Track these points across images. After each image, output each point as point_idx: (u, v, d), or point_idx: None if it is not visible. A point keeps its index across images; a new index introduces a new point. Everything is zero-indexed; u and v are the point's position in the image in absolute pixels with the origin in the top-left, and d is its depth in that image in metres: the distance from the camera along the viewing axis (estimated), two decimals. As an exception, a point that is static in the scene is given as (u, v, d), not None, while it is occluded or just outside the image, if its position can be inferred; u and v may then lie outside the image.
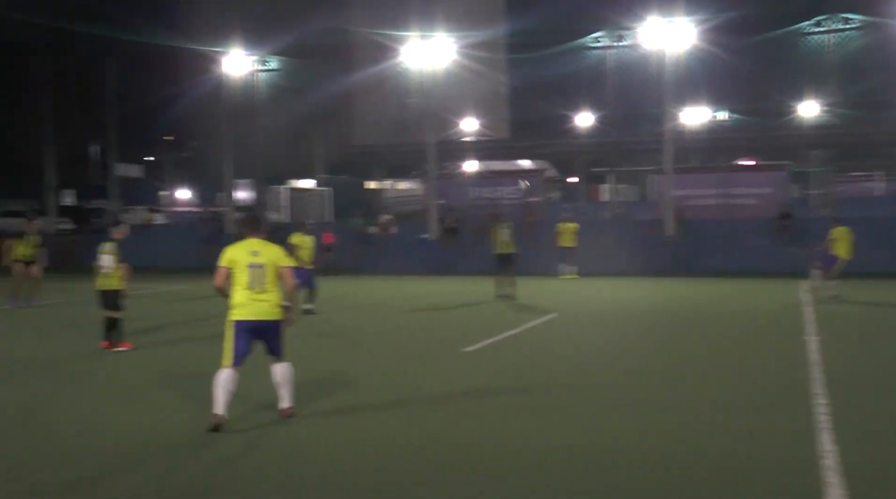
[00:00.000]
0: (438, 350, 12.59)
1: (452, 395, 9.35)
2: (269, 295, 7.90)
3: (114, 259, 12.55)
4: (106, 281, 12.56)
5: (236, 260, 7.93)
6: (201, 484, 6.39)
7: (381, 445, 7.34)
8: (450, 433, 7.73)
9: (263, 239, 8.12)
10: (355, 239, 31.76)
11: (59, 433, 7.91)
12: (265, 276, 7.87)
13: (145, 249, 33.54)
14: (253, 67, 40.28)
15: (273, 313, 7.93)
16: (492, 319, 16.34)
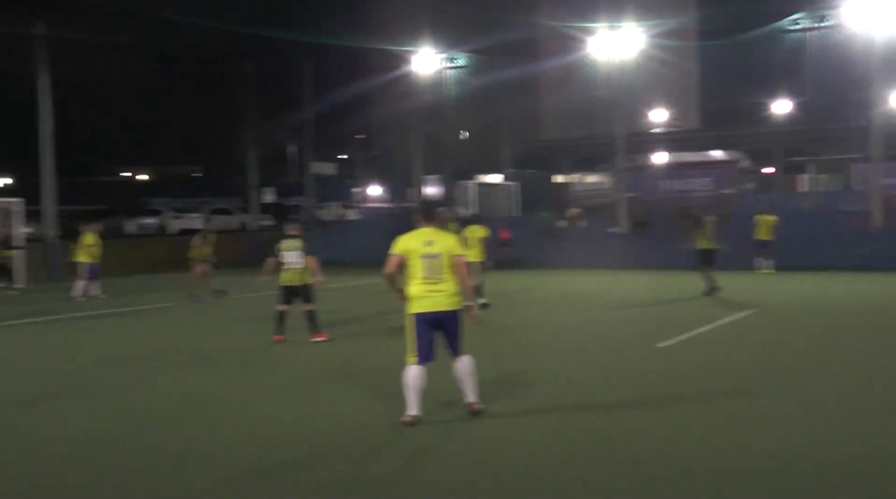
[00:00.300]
0: (630, 345, 12.33)
1: (647, 393, 9.11)
2: (445, 285, 7.72)
3: (301, 254, 12.68)
4: (293, 276, 12.70)
5: (410, 250, 7.78)
6: (397, 474, 6.52)
7: (573, 444, 7.23)
8: (647, 433, 7.52)
9: (438, 228, 7.98)
10: (543, 233, 31.64)
11: (252, 421, 8.23)
12: (441, 266, 7.70)
13: (339, 244, 34.80)
14: (441, 65, 40.93)
15: (450, 304, 7.74)
16: (685, 314, 15.86)
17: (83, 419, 8.38)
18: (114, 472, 6.68)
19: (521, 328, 14.50)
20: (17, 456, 7.17)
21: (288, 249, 12.65)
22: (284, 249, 12.66)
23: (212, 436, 7.67)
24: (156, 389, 9.87)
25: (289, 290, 12.71)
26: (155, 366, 11.36)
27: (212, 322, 16.26)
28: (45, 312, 18.14)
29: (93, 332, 15.36)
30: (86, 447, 7.42)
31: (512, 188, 44.51)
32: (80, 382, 10.36)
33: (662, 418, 7.97)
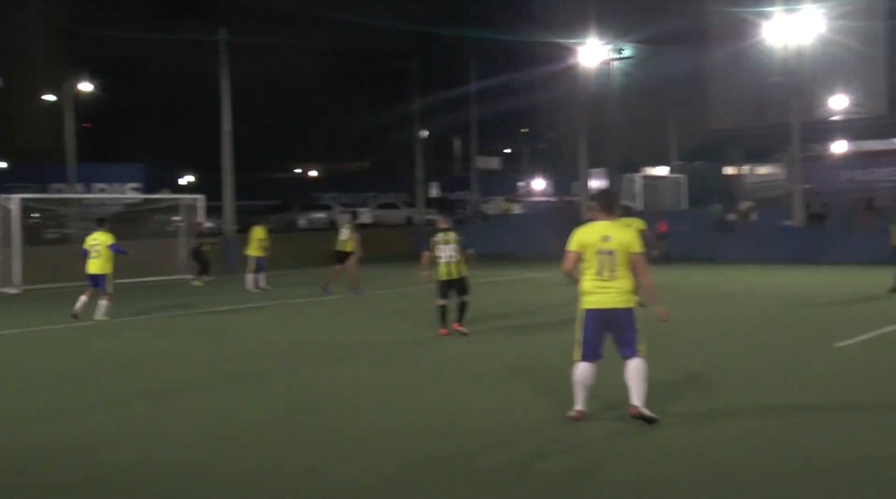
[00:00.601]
0: (808, 344, 11.74)
1: (825, 396, 8.65)
2: (617, 283, 7.41)
3: (455, 247, 12.66)
4: (449, 270, 12.65)
5: (586, 244, 7.50)
6: (567, 465, 6.44)
7: (746, 447, 6.94)
8: (823, 439, 7.14)
9: (616, 221, 7.70)
10: (713, 227, 30.67)
11: (419, 412, 8.34)
12: (615, 262, 7.40)
13: (504, 237, 34.90)
14: (608, 56, 40.29)
15: (621, 302, 7.42)
16: (867, 313, 14.98)
17: (257, 403, 8.72)
18: (285, 460, 6.90)
19: (692, 325, 14.07)
20: (204, 437, 7.53)
21: (442, 243, 12.67)
22: (440, 243, 12.67)
23: (384, 423, 7.81)
24: (319, 377, 10.16)
25: (446, 283, 12.71)
26: (319, 355, 11.71)
27: (376, 314, 16.59)
28: (221, 303, 19.04)
29: (262, 321, 15.99)
30: (270, 430, 7.70)
31: (679, 181, 43.36)
32: (251, 367, 10.79)
33: (841, 423, 7.53)
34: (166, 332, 14.76)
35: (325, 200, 55.17)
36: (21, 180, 47.82)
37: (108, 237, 16.12)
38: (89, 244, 16.04)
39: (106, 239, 16.04)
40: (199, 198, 27.80)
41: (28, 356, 12.32)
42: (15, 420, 8.33)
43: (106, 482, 6.39)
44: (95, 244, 15.98)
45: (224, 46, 30.90)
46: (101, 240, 16.00)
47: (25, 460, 6.98)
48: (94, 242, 16.03)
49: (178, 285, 24.39)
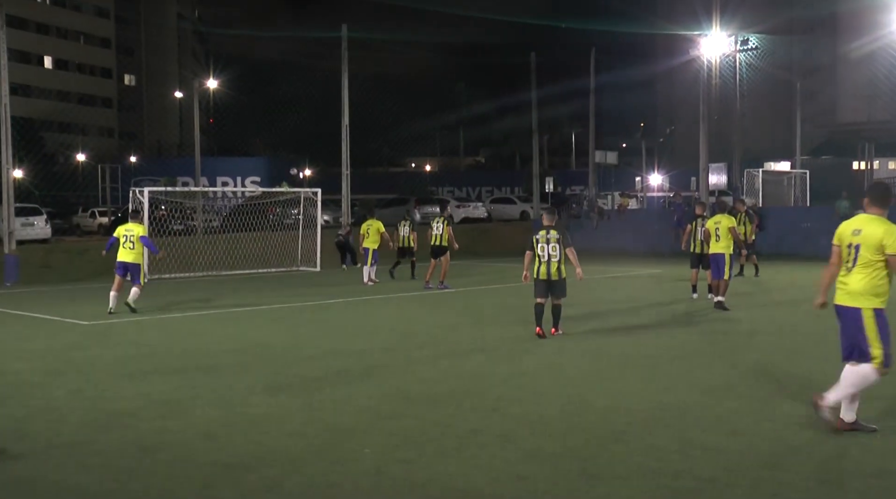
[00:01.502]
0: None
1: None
2: (850, 278, 6.98)
3: (557, 246, 11.96)
4: (549, 269, 11.96)
5: (842, 237, 7.16)
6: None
7: None
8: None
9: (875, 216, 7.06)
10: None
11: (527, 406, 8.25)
12: (853, 257, 6.95)
13: (620, 233, 34.38)
14: (732, 48, 39.15)
15: (846, 300, 7.02)
16: None
17: (373, 394, 8.77)
18: (389, 452, 6.90)
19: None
20: (322, 425, 7.63)
21: (544, 241, 12.00)
22: (542, 241, 12.01)
23: (492, 417, 7.75)
24: (422, 374, 10.16)
25: (544, 283, 12.06)
26: (428, 352, 11.72)
27: (481, 310, 16.51)
28: (341, 294, 19.35)
29: (372, 313, 16.14)
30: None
31: (802, 176, 41.84)
32: (362, 359, 10.88)
33: None
34: (282, 322, 15.04)
35: (441, 194, 55.49)
36: (150, 174, 49.75)
37: (141, 229, 16.38)
38: (122, 234, 16.14)
39: (139, 230, 16.22)
40: (317, 191, 28.31)
41: (152, 343, 12.73)
42: (145, 404, 8.59)
43: (237, 464, 6.52)
44: (130, 235, 16.04)
45: (345, 42, 31.36)
46: (136, 231, 16.13)
47: (157, 442, 7.20)
48: (128, 232, 16.10)
49: (296, 276, 24.91)
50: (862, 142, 49.93)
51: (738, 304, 15.76)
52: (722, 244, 15.33)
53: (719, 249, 15.38)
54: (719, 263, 15.36)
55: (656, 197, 53.44)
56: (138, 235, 16.07)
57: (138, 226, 16.43)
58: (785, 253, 27.87)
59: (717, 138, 38.91)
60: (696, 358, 10.76)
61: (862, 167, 52.03)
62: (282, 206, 30.79)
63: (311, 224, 27.73)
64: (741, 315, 14.60)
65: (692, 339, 12.29)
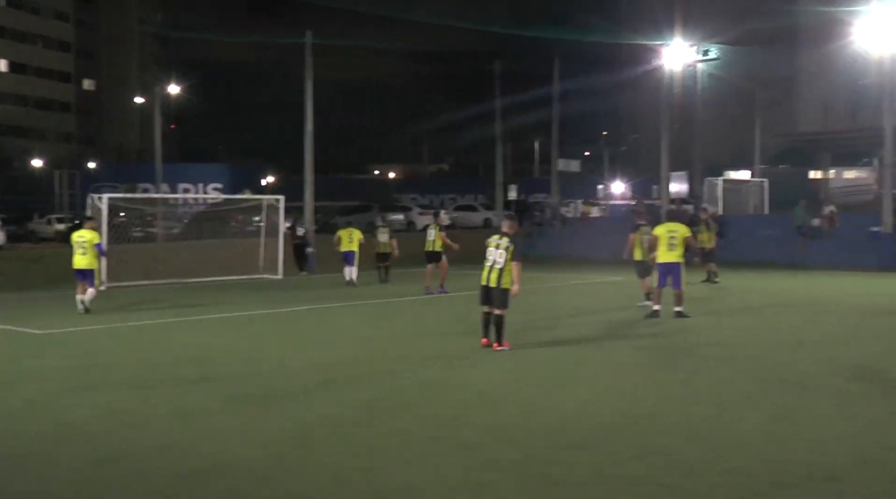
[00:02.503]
0: (894, 356, 11.29)
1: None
2: None
3: (504, 254, 11.49)
4: (490, 276, 11.58)
5: None
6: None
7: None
8: None
9: None
10: (796, 232, 29.84)
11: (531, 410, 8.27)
12: None
13: (583, 241, 34.55)
14: (693, 58, 39.57)
15: None
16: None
17: (336, 404, 8.74)
18: (349, 461, 6.89)
19: (769, 330, 13.66)
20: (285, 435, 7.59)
21: (494, 246, 11.65)
22: (491, 246, 11.69)
23: (454, 426, 7.76)
24: (383, 382, 10.14)
25: (485, 289, 11.64)
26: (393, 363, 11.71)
27: (442, 319, 16.52)
28: (303, 302, 19.27)
29: (339, 319, 16.10)
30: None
31: (761, 185, 42.40)
32: (331, 369, 10.85)
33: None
34: (243, 330, 14.94)
35: (405, 201, 55.49)
36: (110, 180, 49.24)
37: (94, 235, 16.75)
38: (75, 240, 16.60)
39: (93, 237, 16.62)
40: (279, 198, 28.16)
41: (111, 352, 12.58)
42: (103, 415, 8.49)
43: (197, 475, 6.47)
44: (82, 241, 16.47)
45: (309, 49, 31.23)
46: (88, 238, 16.53)
47: (116, 454, 7.11)
48: (80, 238, 16.53)
49: (258, 284, 24.75)
50: (819, 151, 50.74)
51: (697, 310, 15.90)
52: (677, 253, 15.01)
53: (674, 258, 15.00)
54: (673, 271, 14.99)
55: (619, 205, 53.85)
56: (91, 241, 16.45)
57: (91, 232, 16.74)
58: (744, 260, 28.16)
59: (678, 147, 39.26)
60: (655, 365, 10.86)
61: (819, 176, 52.84)
62: (244, 213, 30.59)
63: (274, 231, 27.57)
64: (700, 322, 14.74)
65: (651, 346, 12.39)
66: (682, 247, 15.07)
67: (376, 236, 23.85)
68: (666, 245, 14.98)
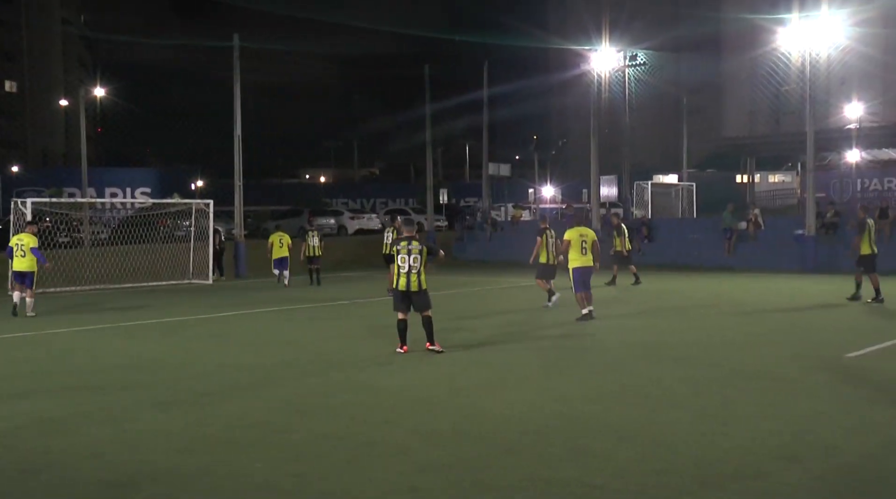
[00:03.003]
0: (817, 354, 11.59)
1: (840, 404, 8.53)
2: None
3: (418, 258, 11.56)
4: (408, 281, 11.60)
5: None
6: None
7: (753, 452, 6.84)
8: (844, 447, 7.03)
9: None
10: (722, 235, 30.49)
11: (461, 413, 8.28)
12: None
13: (513, 245, 34.76)
14: (621, 63, 40.15)
15: None
16: (879, 323, 14.80)
17: (264, 407, 8.65)
18: (284, 466, 6.82)
19: (710, 334, 13.93)
20: (210, 442, 7.47)
21: (405, 252, 11.60)
22: (402, 252, 11.62)
23: (389, 430, 7.74)
24: (314, 387, 10.09)
25: (405, 295, 11.66)
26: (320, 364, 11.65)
27: (373, 322, 16.47)
28: (233, 307, 19.03)
29: (269, 326, 15.95)
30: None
31: (688, 188, 43.23)
32: (261, 372, 10.73)
33: (868, 437, 7.41)
34: (172, 335, 14.70)
35: (335, 205, 55.17)
36: (34, 184, 47.99)
37: (32, 240, 17.02)
38: (14, 243, 17.02)
39: (30, 241, 16.92)
40: (209, 203, 27.80)
41: (36, 360, 12.27)
42: (27, 423, 8.27)
43: (123, 483, 6.33)
44: (21, 244, 16.86)
45: (237, 52, 30.86)
46: (26, 241, 16.86)
47: (40, 463, 6.93)
48: (19, 241, 16.94)
49: (188, 289, 24.39)
50: (744, 156, 51.89)
51: (625, 312, 16.10)
52: (589, 257, 14.97)
53: (587, 262, 14.97)
54: (584, 275, 14.98)
55: (549, 208, 54.32)
56: (28, 245, 16.76)
57: (29, 236, 17.02)
58: (672, 263, 28.68)
59: (607, 151, 39.76)
60: (583, 367, 10.97)
61: (744, 180, 54.04)
62: (173, 217, 30.09)
63: (203, 236, 27.20)
64: (627, 323, 14.94)
65: (578, 347, 12.52)
66: (592, 251, 15.08)
67: (307, 240, 24.57)
68: (578, 249, 14.95)
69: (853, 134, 44.08)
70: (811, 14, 30.53)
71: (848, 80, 48.75)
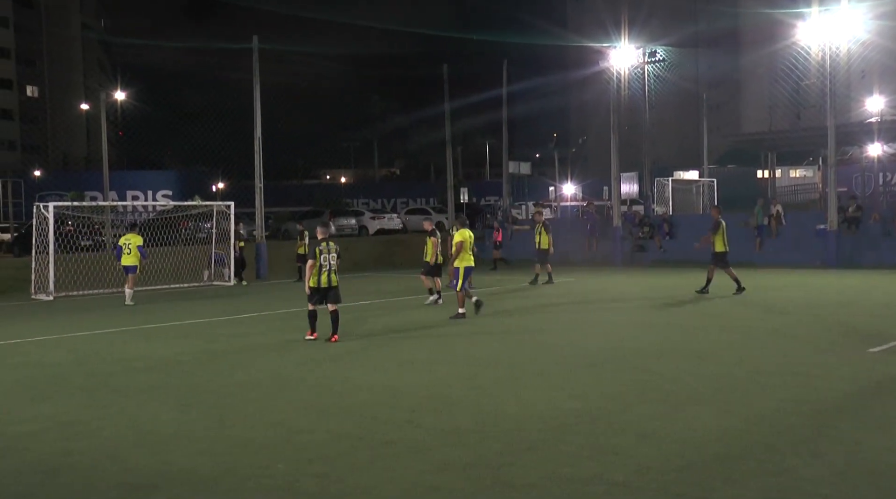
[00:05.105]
0: (840, 349, 11.49)
1: (862, 400, 8.45)
2: None
3: (335, 257, 13.15)
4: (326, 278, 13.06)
5: None
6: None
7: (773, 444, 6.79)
8: (866, 442, 6.97)
9: None
10: (744, 230, 30.28)
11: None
12: None
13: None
14: (640, 60, 40.00)
15: None
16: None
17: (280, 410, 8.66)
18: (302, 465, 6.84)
19: (735, 329, 13.84)
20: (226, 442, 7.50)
21: (326, 252, 13.11)
22: (324, 252, 13.11)
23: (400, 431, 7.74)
24: (334, 387, 10.10)
25: (323, 291, 13.13)
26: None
27: (395, 323, 16.48)
28: (253, 309, 19.09)
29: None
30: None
31: (709, 185, 42.99)
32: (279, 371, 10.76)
33: (877, 429, 7.34)
34: (193, 338, 14.77)
35: (356, 205, 55.24)
36: (56, 188, 48.36)
37: (138, 239, 20.70)
38: (123, 243, 20.62)
39: (136, 240, 20.60)
40: (230, 204, 27.90)
41: (57, 362, 12.36)
42: (48, 426, 8.33)
43: (144, 485, 6.37)
44: (128, 243, 20.49)
45: (256, 54, 30.96)
46: (133, 241, 20.52)
47: (61, 465, 6.99)
48: (126, 241, 20.58)
49: (209, 291, 24.49)
50: (764, 151, 51.56)
51: (644, 306, 15.95)
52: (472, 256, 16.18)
53: (471, 262, 16.07)
54: (468, 274, 16.04)
55: (570, 206, 54.18)
56: (135, 243, 20.45)
57: (136, 236, 20.70)
58: (694, 259, 28.48)
59: (627, 148, 39.66)
60: (601, 364, 10.91)
61: (765, 175, 53.67)
62: (194, 219, 30.22)
63: (225, 238, 27.31)
64: (649, 319, 14.87)
65: (594, 345, 12.45)
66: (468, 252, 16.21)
67: (301, 240, 26.06)
68: (468, 249, 16.09)
69: (874, 127, 43.65)
70: (831, 7, 30.28)
71: (868, 74, 48.32)
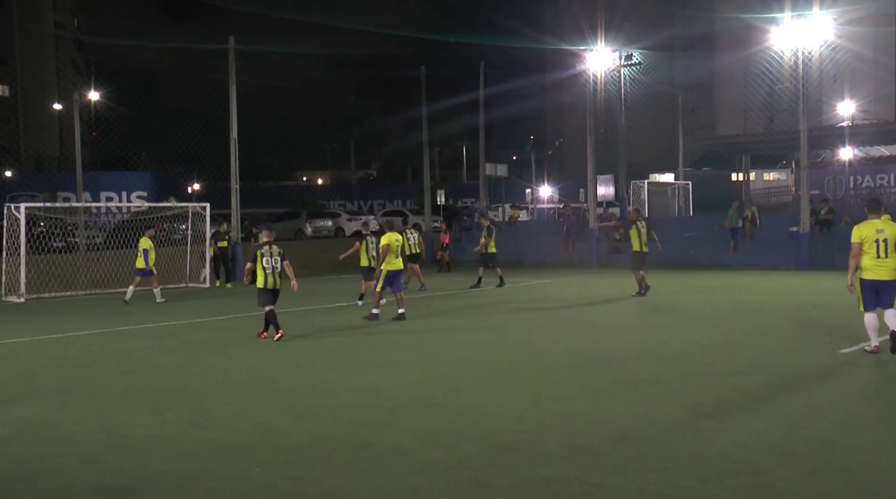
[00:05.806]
0: (813, 350, 11.62)
1: (834, 400, 8.56)
2: (889, 261, 10.75)
3: (278, 260, 13.73)
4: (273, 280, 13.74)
5: (865, 235, 10.84)
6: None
7: (753, 448, 6.86)
8: (838, 442, 7.05)
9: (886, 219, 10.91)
10: (719, 233, 30.56)
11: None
12: (888, 247, 10.73)
13: (512, 244, 34.80)
14: (616, 63, 40.22)
15: (890, 274, 10.78)
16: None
17: (261, 409, 8.66)
18: (284, 468, 6.84)
19: (712, 331, 13.95)
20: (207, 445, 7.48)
21: (269, 255, 13.74)
22: (266, 255, 13.74)
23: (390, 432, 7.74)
24: (313, 388, 10.09)
25: (272, 292, 13.85)
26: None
27: (372, 324, 16.50)
28: (229, 310, 19.00)
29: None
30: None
31: (684, 187, 43.31)
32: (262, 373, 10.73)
33: (849, 428, 7.44)
34: (169, 339, 14.70)
35: (332, 207, 55.14)
36: (28, 189, 47.92)
37: (145, 242, 21.33)
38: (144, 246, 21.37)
39: (143, 244, 21.28)
40: (205, 206, 27.77)
41: (31, 365, 12.26)
42: (22, 430, 8.27)
43: (121, 489, 6.33)
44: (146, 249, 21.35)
45: (233, 54, 30.82)
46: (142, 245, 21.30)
47: (36, 469, 6.93)
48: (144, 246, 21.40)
49: (184, 293, 24.36)
50: (739, 154, 52.01)
51: (623, 311, 16.04)
52: (400, 260, 16.54)
53: (399, 266, 16.42)
54: (396, 277, 16.38)
55: (546, 208, 54.37)
56: (141, 246, 21.09)
57: (145, 240, 21.20)
58: (669, 262, 28.69)
59: (604, 150, 39.88)
60: (580, 366, 10.97)
61: (740, 178, 54.14)
62: (169, 221, 30.04)
63: (200, 239, 27.18)
64: (627, 322, 14.95)
65: (573, 346, 12.51)
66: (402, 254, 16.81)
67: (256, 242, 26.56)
68: (394, 253, 16.40)
69: (846, 131, 44.19)
70: (804, 13, 30.61)
71: (840, 78, 48.83)
